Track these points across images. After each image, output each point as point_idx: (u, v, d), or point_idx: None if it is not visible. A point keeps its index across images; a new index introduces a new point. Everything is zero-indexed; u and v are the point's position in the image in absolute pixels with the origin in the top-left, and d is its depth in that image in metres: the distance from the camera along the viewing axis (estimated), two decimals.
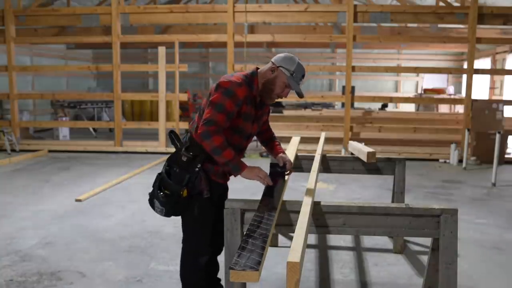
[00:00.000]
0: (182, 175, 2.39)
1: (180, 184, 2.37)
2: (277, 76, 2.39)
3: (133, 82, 16.09)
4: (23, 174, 7.09)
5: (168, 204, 2.40)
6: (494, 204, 5.63)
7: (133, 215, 4.93)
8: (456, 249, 2.27)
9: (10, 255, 3.75)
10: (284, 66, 2.38)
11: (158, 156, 8.74)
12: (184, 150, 2.40)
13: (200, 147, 2.36)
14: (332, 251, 3.98)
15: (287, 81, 2.39)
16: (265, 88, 2.42)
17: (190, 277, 2.54)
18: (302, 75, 2.42)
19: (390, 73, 16.64)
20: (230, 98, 2.27)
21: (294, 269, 1.60)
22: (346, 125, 9.11)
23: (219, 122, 2.25)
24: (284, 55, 2.44)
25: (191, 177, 2.38)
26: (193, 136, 2.43)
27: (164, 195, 2.40)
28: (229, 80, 2.31)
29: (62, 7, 10.37)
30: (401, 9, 8.94)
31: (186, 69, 9.42)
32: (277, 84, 2.40)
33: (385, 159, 4.06)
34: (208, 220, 2.48)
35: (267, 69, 2.43)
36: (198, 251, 2.50)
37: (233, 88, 2.28)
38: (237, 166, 2.30)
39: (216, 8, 9.48)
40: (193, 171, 2.39)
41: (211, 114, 2.26)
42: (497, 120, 8.64)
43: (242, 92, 2.31)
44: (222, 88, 2.29)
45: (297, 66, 2.39)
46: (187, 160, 2.39)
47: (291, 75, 2.38)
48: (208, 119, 2.25)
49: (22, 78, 11.79)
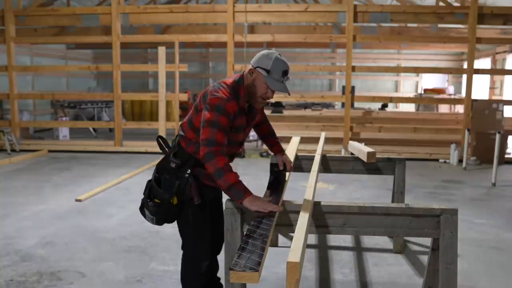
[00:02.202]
0: (171, 182, 2.33)
1: (170, 192, 2.31)
2: (256, 79, 2.28)
3: (133, 82, 16.09)
4: (23, 174, 7.09)
5: (158, 213, 2.36)
6: (494, 204, 5.63)
7: (133, 215, 4.93)
8: (456, 249, 2.27)
9: (10, 255, 3.75)
10: (260, 66, 2.25)
11: (158, 156, 8.72)
12: (172, 157, 2.35)
13: (188, 154, 2.34)
14: (332, 251, 3.98)
15: (265, 81, 2.25)
16: (248, 92, 2.31)
17: (190, 281, 2.52)
18: (284, 71, 2.24)
19: (390, 73, 16.64)
20: (223, 114, 2.19)
21: (294, 269, 1.59)
22: (346, 125, 9.11)
23: (219, 140, 2.17)
24: (260, 54, 2.30)
25: (180, 184, 2.32)
26: (181, 144, 2.39)
27: (153, 204, 2.35)
28: (217, 97, 2.21)
29: (62, 7, 10.38)
30: (401, 9, 8.94)
31: (186, 69, 9.41)
32: (257, 87, 2.28)
33: (385, 159, 4.06)
34: (203, 226, 2.43)
35: (247, 72, 2.32)
36: (198, 256, 2.47)
37: (223, 105, 2.20)
38: (240, 193, 2.14)
39: (216, 8, 9.48)
40: (183, 178, 2.33)
41: (210, 133, 2.17)
42: (497, 120, 8.64)
43: (231, 107, 2.23)
44: (212, 106, 2.20)
45: (274, 62, 2.23)
46: (176, 166, 2.34)
47: (268, 74, 2.23)
48: (208, 139, 2.16)
49: (22, 78, 11.79)
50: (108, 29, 9.62)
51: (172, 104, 10.93)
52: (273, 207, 2.13)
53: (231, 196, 2.18)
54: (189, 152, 2.36)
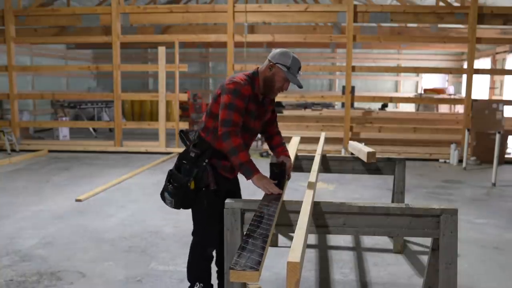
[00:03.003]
0: (191, 169, 2.57)
1: (189, 176, 2.54)
2: (275, 73, 2.56)
3: (133, 82, 16.08)
4: (23, 174, 7.09)
5: (177, 195, 2.57)
6: (494, 204, 5.63)
7: (133, 215, 4.94)
8: (456, 249, 2.27)
9: (10, 255, 3.76)
10: (281, 62, 2.54)
11: (158, 156, 8.74)
12: (192, 147, 2.60)
13: (207, 144, 2.60)
14: (332, 251, 3.98)
15: (286, 76, 2.55)
16: (266, 85, 2.60)
17: (196, 265, 2.72)
18: (299, 68, 2.58)
19: (390, 73, 16.64)
20: (239, 97, 2.47)
21: (294, 269, 1.60)
22: (346, 125, 9.11)
23: (235, 120, 2.45)
24: (279, 52, 2.58)
25: (198, 171, 2.56)
26: (201, 134, 2.64)
27: (173, 187, 2.58)
28: (233, 82, 2.51)
29: (62, 7, 10.38)
30: (401, 9, 8.94)
31: (186, 69, 9.42)
32: (276, 80, 2.58)
33: (385, 159, 4.06)
34: (215, 212, 2.61)
35: (266, 67, 2.59)
36: (206, 242, 2.68)
37: (239, 88, 2.48)
38: (250, 170, 2.43)
39: (216, 8, 9.48)
40: (201, 166, 2.57)
41: (226, 114, 2.45)
42: (497, 120, 8.64)
43: (247, 90, 2.51)
44: (229, 90, 2.48)
45: (292, 60, 2.54)
46: (195, 156, 2.58)
47: (288, 69, 2.53)
48: (225, 119, 2.45)
49: (22, 78, 11.78)
50: (108, 29, 9.62)
51: (172, 104, 10.93)
52: (275, 190, 2.41)
53: (242, 173, 2.47)
54: (208, 141, 2.61)
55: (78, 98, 11.97)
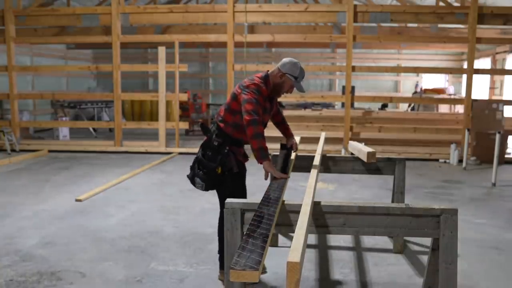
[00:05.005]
0: (214, 156, 3.07)
1: (215, 163, 3.04)
2: (285, 81, 3.10)
3: (133, 82, 16.08)
4: (23, 174, 7.09)
5: (207, 180, 3.07)
6: (494, 204, 5.63)
7: (133, 215, 4.93)
8: (456, 249, 2.27)
9: (10, 255, 3.75)
10: (290, 73, 3.06)
11: (158, 156, 8.74)
12: (215, 136, 3.09)
13: (227, 134, 3.08)
14: (332, 251, 3.98)
15: (293, 84, 3.11)
16: (275, 89, 3.14)
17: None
18: (303, 76, 3.14)
19: (390, 73, 16.63)
20: (260, 95, 2.98)
21: (294, 269, 1.60)
22: (346, 125, 9.11)
23: (259, 113, 2.92)
24: (289, 63, 3.07)
25: (222, 157, 3.05)
26: (220, 125, 3.11)
27: (203, 173, 3.07)
28: (254, 83, 3.01)
29: (62, 7, 10.38)
30: (401, 9, 8.94)
31: (186, 69, 9.42)
32: (284, 87, 3.13)
33: (385, 159, 4.06)
34: (238, 189, 3.17)
35: (276, 75, 3.10)
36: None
37: (259, 88, 3.01)
38: (265, 155, 2.86)
39: (216, 8, 9.47)
40: (224, 153, 3.07)
41: (253, 106, 2.90)
42: (497, 120, 8.64)
43: (264, 91, 3.04)
44: (251, 88, 2.98)
45: (300, 71, 3.08)
46: (218, 144, 3.07)
47: (296, 79, 3.07)
48: (252, 109, 2.89)
49: (22, 78, 11.79)
50: (108, 29, 9.62)
51: (172, 104, 10.94)
52: (281, 175, 2.82)
53: (258, 156, 2.87)
54: (227, 132, 3.10)
55: (78, 98, 11.97)
